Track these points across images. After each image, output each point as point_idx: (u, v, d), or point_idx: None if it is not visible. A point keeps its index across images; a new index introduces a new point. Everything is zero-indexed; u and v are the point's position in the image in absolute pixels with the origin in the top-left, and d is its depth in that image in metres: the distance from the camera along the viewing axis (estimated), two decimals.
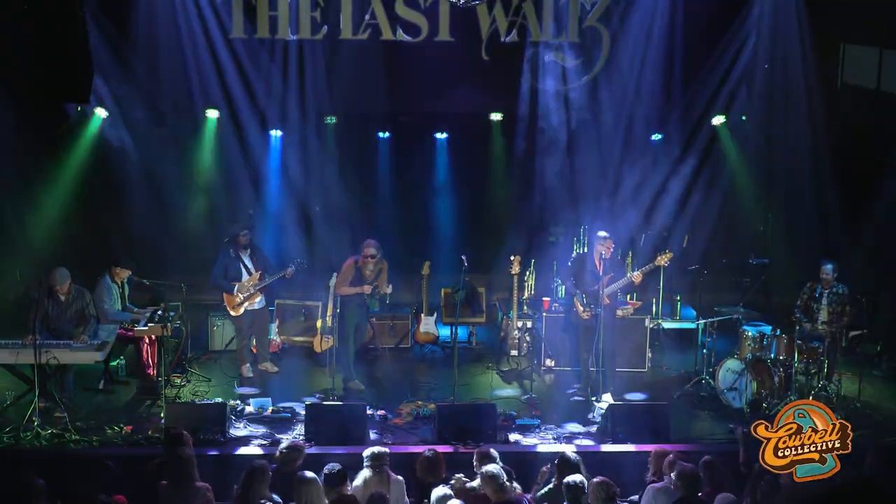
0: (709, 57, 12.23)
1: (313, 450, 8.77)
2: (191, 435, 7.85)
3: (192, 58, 11.84)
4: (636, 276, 10.24)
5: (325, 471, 7.08)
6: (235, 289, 10.74)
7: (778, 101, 12.39)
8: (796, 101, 12.14)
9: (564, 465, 7.23)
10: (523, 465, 8.25)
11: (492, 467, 6.99)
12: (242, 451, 8.83)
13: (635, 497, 7.58)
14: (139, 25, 11.67)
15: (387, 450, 7.49)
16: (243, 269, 10.81)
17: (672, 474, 7.11)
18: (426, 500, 6.97)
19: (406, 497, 7.30)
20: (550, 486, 7.28)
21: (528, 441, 9.22)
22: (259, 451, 8.77)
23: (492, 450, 7.59)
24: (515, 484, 7.24)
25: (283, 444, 7.81)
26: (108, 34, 11.53)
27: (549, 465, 7.59)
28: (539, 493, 7.35)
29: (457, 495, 6.83)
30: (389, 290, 10.70)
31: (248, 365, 10.96)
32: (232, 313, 10.89)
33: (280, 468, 7.35)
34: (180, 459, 7.11)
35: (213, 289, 11.06)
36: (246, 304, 10.80)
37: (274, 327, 11.63)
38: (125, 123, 12.41)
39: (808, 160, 12.34)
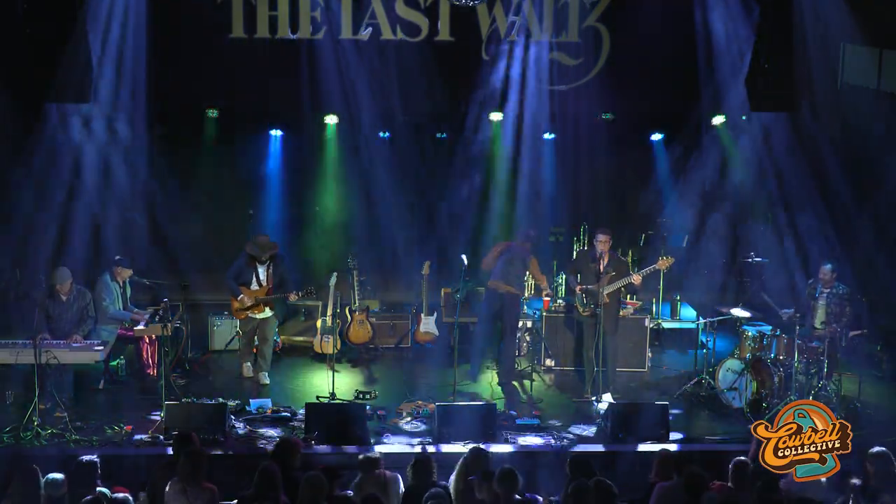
0: (709, 56, 12.20)
1: (313, 450, 8.80)
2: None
3: (188, 57, 11.77)
4: (636, 277, 10.28)
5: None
6: (240, 295, 10.70)
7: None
8: (797, 101, 12.11)
9: (577, 466, 7.22)
10: (522, 465, 8.23)
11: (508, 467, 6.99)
12: (242, 450, 8.84)
13: (635, 497, 7.57)
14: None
15: (378, 455, 7.50)
16: (254, 279, 10.75)
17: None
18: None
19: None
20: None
21: (526, 441, 9.22)
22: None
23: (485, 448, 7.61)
24: None
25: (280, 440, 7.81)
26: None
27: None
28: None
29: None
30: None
31: (248, 364, 10.94)
32: (234, 316, 10.89)
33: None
34: (194, 457, 7.09)
35: (224, 287, 10.96)
36: (248, 312, 10.75)
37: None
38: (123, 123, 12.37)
39: (808, 160, 12.31)
